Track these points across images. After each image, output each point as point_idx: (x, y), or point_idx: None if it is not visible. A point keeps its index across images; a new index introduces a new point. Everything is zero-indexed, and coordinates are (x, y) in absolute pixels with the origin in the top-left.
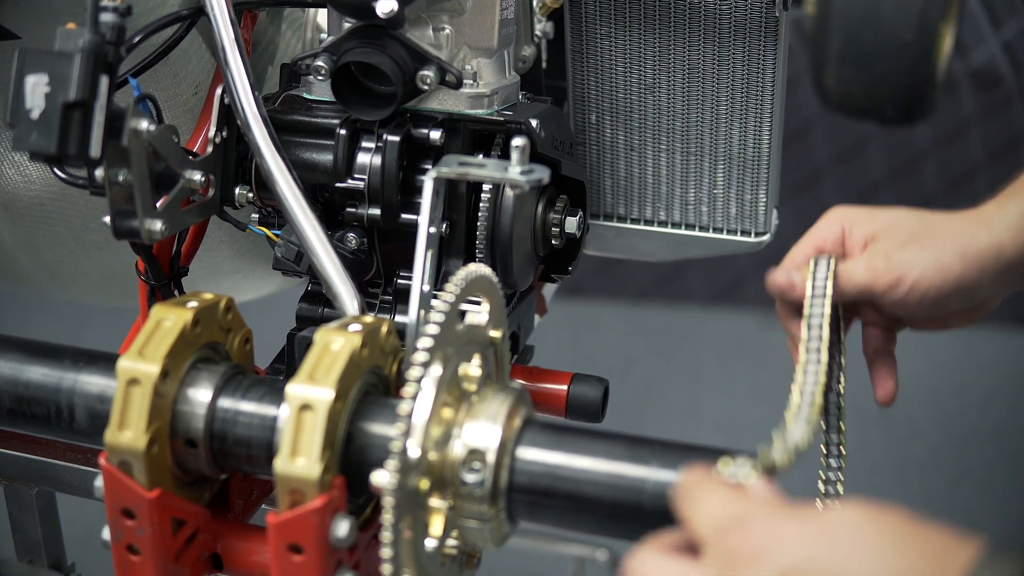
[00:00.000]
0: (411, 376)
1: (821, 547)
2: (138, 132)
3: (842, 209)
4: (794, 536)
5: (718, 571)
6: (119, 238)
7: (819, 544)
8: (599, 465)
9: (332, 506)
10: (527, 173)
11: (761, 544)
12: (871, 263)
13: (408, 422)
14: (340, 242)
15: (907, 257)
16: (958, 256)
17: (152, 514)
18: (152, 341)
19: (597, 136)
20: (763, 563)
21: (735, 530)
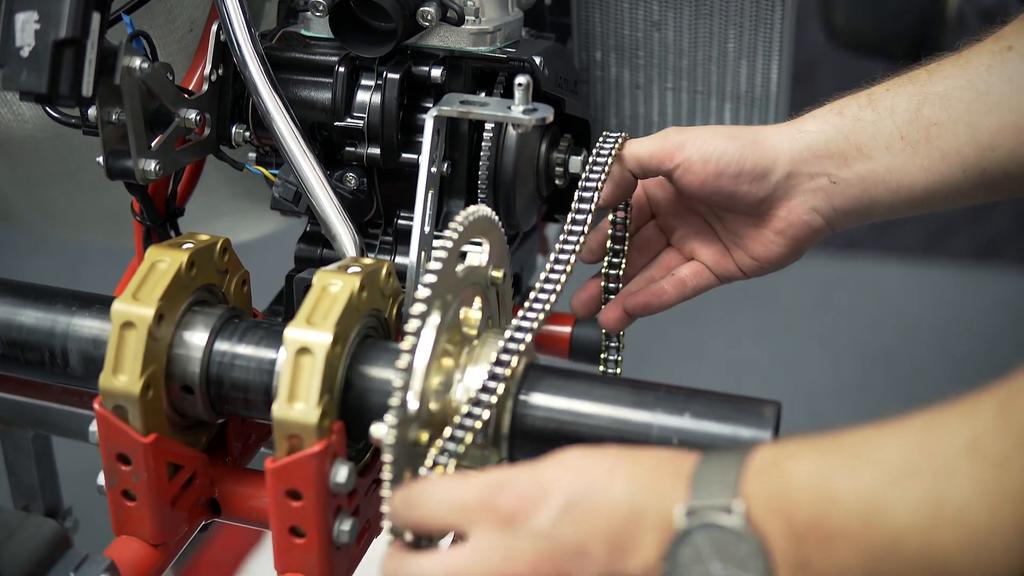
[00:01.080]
0: (409, 328)
1: (579, 478)
2: (131, 70)
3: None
4: (555, 476)
5: (493, 538)
6: (112, 178)
7: (578, 476)
8: (603, 410)
9: (331, 451)
10: (530, 112)
11: (531, 493)
12: (658, 137)
13: (406, 376)
14: (339, 182)
15: (696, 133)
16: (748, 138)
17: (148, 459)
18: (147, 284)
19: (602, 74)
20: (542, 507)
21: (499, 492)
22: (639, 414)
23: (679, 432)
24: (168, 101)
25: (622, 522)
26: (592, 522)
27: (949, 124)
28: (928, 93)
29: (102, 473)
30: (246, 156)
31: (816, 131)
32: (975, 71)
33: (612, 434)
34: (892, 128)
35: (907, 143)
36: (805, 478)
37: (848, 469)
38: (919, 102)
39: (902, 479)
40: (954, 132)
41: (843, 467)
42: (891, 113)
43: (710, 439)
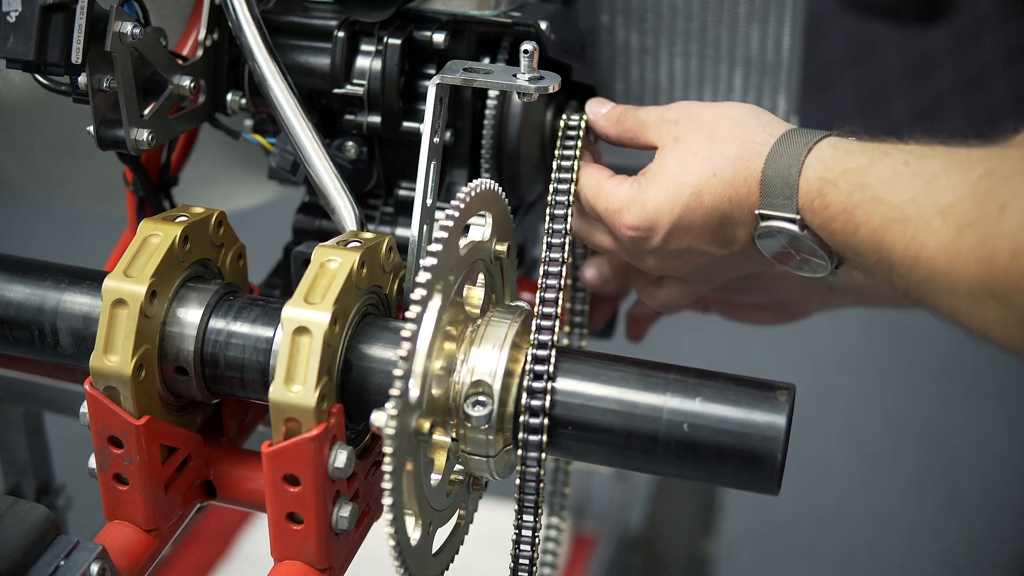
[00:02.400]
0: (410, 313)
1: (676, 204)
2: (122, 36)
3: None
4: (656, 206)
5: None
6: (104, 148)
7: (675, 203)
8: (612, 392)
9: (329, 435)
10: (536, 80)
11: (643, 226)
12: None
13: (407, 364)
14: (338, 151)
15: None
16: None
17: (140, 442)
18: (139, 259)
19: (609, 38)
20: (654, 235)
21: (619, 226)
22: (649, 397)
23: (691, 416)
24: (161, 68)
25: (717, 226)
26: (695, 233)
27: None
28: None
29: (94, 455)
30: (242, 124)
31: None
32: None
33: (621, 418)
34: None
35: None
36: (846, 185)
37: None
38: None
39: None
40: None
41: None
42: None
43: (723, 423)
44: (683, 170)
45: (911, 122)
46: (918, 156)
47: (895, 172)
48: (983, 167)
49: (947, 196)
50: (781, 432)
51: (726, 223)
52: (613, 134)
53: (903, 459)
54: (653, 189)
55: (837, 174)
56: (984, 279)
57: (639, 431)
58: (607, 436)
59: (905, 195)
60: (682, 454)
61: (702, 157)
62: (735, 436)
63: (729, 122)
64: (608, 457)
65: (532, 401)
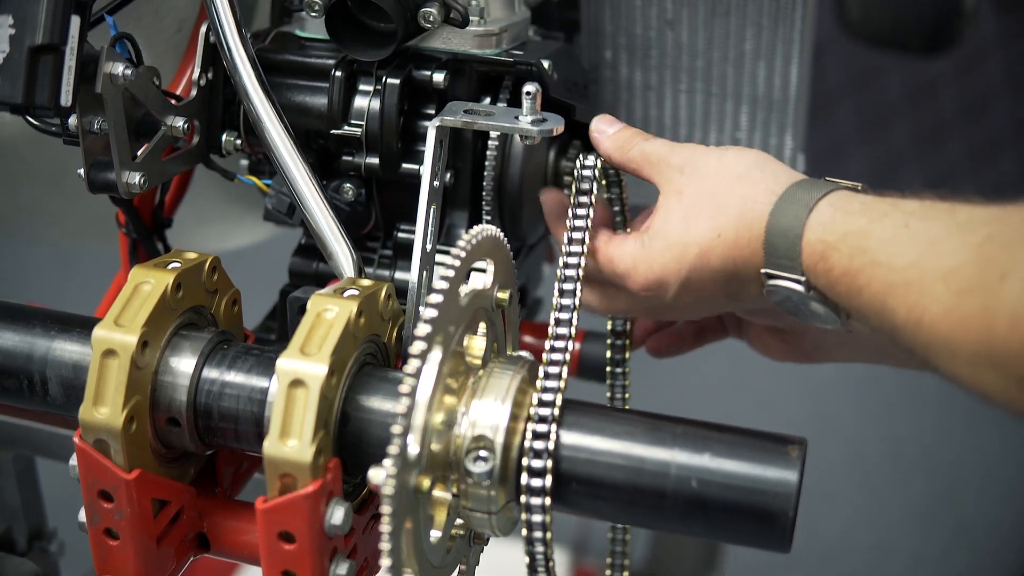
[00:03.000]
0: (409, 368)
1: (683, 264)
2: (113, 77)
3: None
4: (663, 266)
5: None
6: (95, 192)
7: (681, 263)
8: (618, 447)
9: (326, 491)
10: (539, 123)
11: (653, 285)
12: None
13: (406, 422)
14: (336, 193)
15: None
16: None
17: (131, 497)
18: (130, 308)
19: (612, 74)
20: (664, 291)
21: (631, 285)
22: (657, 451)
23: (700, 471)
24: (154, 109)
25: (725, 283)
26: (705, 289)
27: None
28: None
29: (83, 509)
30: (238, 163)
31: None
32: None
33: (628, 473)
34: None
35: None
36: (847, 249)
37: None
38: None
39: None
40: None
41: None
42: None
43: (733, 480)
44: (687, 229)
45: (913, 148)
46: (919, 217)
47: (895, 234)
48: (985, 232)
49: (948, 261)
50: (793, 489)
51: (734, 280)
52: (616, 159)
53: (906, 488)
54: (658, 248)
55: (838, 237)
56: (984, 346)
57: (646, 487)
58: (613, 492)
59: (906, 259)
60: (690, 511)
61: (706, 216)
62: (745, 493)
63: (732, 177)
64: (614, 513)
65: (534, 461)
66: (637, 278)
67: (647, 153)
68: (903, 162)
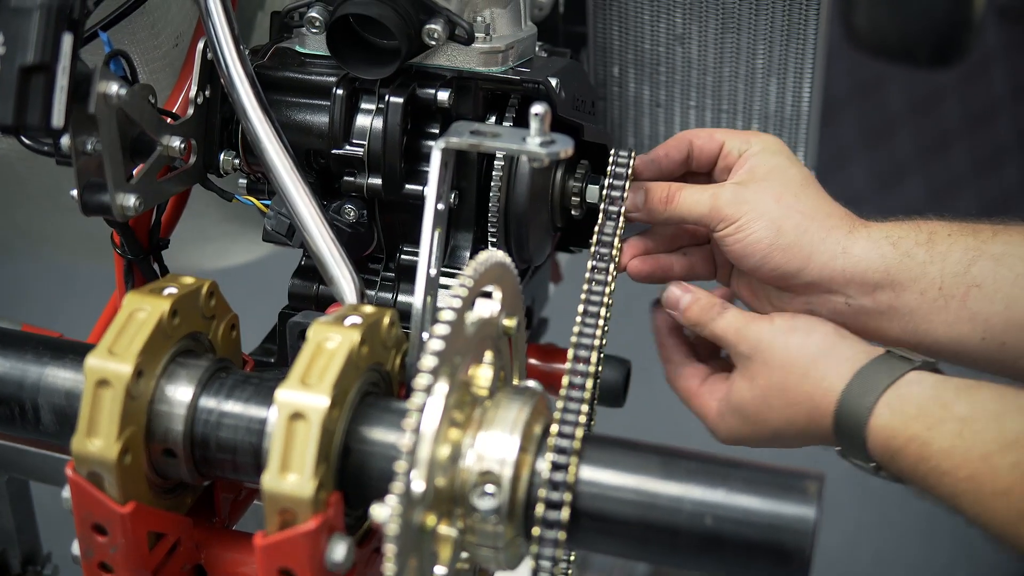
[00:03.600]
0: (414, 402)
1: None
2: (107, 98)
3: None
4: (733, 428)
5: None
6: (88, 214)
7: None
8: (629, 481)
9: (327, 527)
10: (548, 144)
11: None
12: (719, 193)
13: (411, 458)
14: (337, 214)
15: (751, 209)
16: (792, 238)
17: (126, 530)
18: (124, 336)
19: (620, 90)
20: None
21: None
22: (670, 487)
23: (714, 507)
24: (149, 129)
25: (800, 444)
26: (782, 445)
27: (990, 289)
28: (985, 251)
29: (77, 542)
30: (236, 182)
31: (860, 257)
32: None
33: (639, 508)
34: (936, 275)
35: (942, 295)
36: (911, 455)
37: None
38: (973, 257)
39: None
40: (991, 298)
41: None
42: (942, 260)
43: (749, 516)
44: (760, 415)
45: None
46: (971, 425)
47: (952, 445)
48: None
49: (1002, 480)
50: (811, 526)
51: (812, 443)
52: (698, 331)
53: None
54: (735, 423)
55: (902, 442)
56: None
57: (659, 523)
58: (624, 528)
59: (965, 471)
60: (705, 548)
61: (777, 408)
62: (762, 530)
63: (799, 373)
64: (626, 549)
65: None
66: (720, 436)
67: (717, 335)
68: (907, 171)
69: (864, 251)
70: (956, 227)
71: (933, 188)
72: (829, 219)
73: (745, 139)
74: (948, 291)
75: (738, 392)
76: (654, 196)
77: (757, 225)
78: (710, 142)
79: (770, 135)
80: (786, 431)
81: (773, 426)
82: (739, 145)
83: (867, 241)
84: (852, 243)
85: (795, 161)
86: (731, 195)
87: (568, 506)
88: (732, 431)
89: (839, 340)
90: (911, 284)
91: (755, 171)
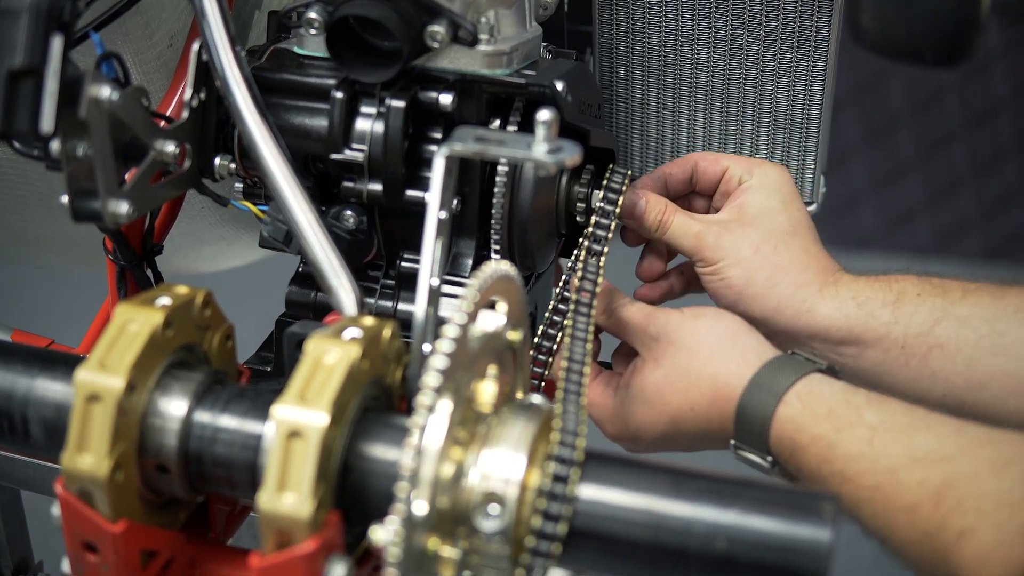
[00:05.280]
0: (415, 423)
1: (660, 434)
2: (99, 102)
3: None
4: (640, 424)
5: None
6: (79, 221)
7: (657, 433)
8: (637, 501)
9: (326, 548)
10: (554, 152)
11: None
12: (704, 232)
13: (413, 479)
14: (336, 220)
15: (734, 253)
16: (762, 289)
17: (118, 549)
18: (116, 349)
19: (626, 92)
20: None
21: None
22: (680, 507)
23: (726, 530)
24: (142, 133)
25: (697, 442)
26: (676, 443)
27: (952, 350)
28: (950, 313)
29: (67, 559)
30: (232, 186)
31: (824, 316)
32: (1003, 308)
33: (647, 531)
34: (899, 335)
35: (904, 353)
36: (815, 454)
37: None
38: (938, 318)
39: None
40: (953, 359)
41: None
42: (907, 320)
43: (762, 539)
44: (662, 399)
45: (917, 157)
46: (880, 435)
47: (860, 452)
48: (941, 474)
49: (908, 496)
50: (827, 548)
51: (705, 441)
52: (602, 323)
53: None
54: (635, 410)
55: (807, 440)
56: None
57: (669, 545)
58: (632, 550)
59: (870, 481)
60: (716, 571)
61: (680, 389)
62: (775, 552)
63: (705, 353)
64: (634, 573)
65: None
66: (611, 428)
67: (624, 320)
68: (907, 171)
69: (829, 311)
70: (927, 286)
71: (933, 187)
72: (803, 274)
73: (748, 168)
74: (910, 350)
75: (640, 377)
76: (650, 217)
77: (732, 272)
78: (714, 166)
79: (775, 166)
80: (686, 417)
81: (673, 409)
82: (741, 173)
83: (834, 301)
84: (819, 302)
85: (789, 202)
86: (714, 238)
87: (570, 527)
88: (628, 419)
89: (747, 331)
90: (875, 343)
91: (744, 211)
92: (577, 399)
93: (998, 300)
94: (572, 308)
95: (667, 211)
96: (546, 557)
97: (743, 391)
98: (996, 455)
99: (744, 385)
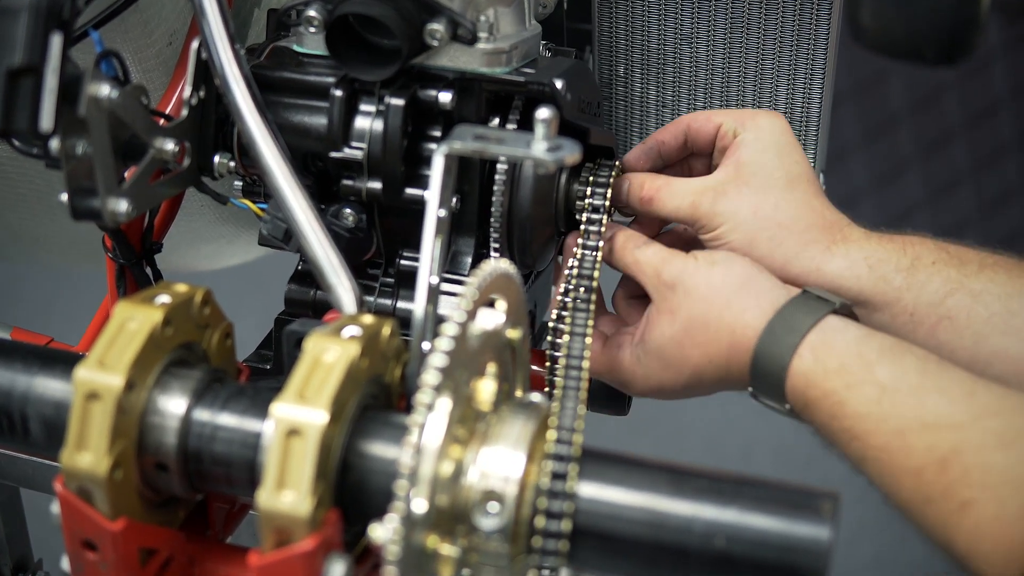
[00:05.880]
0: (415, 421)
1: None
2: (98, 101)
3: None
4: (654, 372)
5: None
6: (78, 219)
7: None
8: (636, 500)
9: (325, 547)
10: (554, 150)
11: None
12: (698, 200)
13: (412, 478)
14: (335, 218)
15: (735, 212)
16: (770, 247)
17: (117, 547)
18: (115, 347)
19: (626, 90)
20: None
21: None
22: (680, 506)
23: (726, 528)
24: (142, 132)
25: (719, 387)
26: (701, 391)
27: (961, 324)
28: (964, 286)
29: (66, 557)
30: (231, 184)
31: (834, 276)
32: (1019, 287)
33: (647, 528)
34: (910, 302)
35: (913, 320)
36: (826, 409)
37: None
38: (951, 290)
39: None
40: (961, 333)
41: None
42: (920, 288)
43: (761, 537)
44: (681, 353)
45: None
46: (891, 394)
47: (868, 412)
48: (949, 443)
49: (915, 460)
50: (826, 547)
51: (725, 385)
52: (610, 262)
53: None
54: (654, 366)
55: (818, 395)
56: (947, 548)
57: (669, 544)
58: (631, 548)
59: (879, 440)
60: (716, 570)
61: (698, 342)
62: (775, 551)
63: (722, 302)
64: (633, 571)
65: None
66: (636, 387)
67: (640, 264)
68: (906, 169)
69: (838, 271)
70: (943, 255)
71: (933, 185)
72: (808, 232)
73: (741, 121)
74: (919, 318)
75: (657, 329)
76: (633, 195)
77: (732, 236)
78: (707, 124)
79: (769, 115)
80: (705, 369)
81: (693, 363)
82: (735, 127)
83: (843, 260)
84: (827, 261)
85: (786, 154)
86: (709, 205)
87: (571, 523)
88: (650, 377)
89: (758, 273)
90: (884, 307)
91: (740, 168)
92: (575, 396)
93: (1015, 278)
94: (570, 305)
95: (650, 187)
96: (555, 556)
97: (757, 342)
98: (1005, 427)
99: (759, 336)
